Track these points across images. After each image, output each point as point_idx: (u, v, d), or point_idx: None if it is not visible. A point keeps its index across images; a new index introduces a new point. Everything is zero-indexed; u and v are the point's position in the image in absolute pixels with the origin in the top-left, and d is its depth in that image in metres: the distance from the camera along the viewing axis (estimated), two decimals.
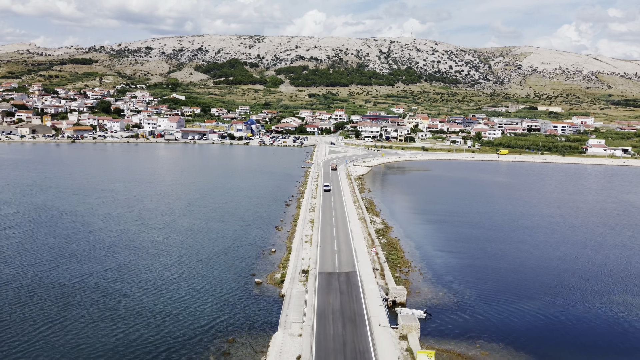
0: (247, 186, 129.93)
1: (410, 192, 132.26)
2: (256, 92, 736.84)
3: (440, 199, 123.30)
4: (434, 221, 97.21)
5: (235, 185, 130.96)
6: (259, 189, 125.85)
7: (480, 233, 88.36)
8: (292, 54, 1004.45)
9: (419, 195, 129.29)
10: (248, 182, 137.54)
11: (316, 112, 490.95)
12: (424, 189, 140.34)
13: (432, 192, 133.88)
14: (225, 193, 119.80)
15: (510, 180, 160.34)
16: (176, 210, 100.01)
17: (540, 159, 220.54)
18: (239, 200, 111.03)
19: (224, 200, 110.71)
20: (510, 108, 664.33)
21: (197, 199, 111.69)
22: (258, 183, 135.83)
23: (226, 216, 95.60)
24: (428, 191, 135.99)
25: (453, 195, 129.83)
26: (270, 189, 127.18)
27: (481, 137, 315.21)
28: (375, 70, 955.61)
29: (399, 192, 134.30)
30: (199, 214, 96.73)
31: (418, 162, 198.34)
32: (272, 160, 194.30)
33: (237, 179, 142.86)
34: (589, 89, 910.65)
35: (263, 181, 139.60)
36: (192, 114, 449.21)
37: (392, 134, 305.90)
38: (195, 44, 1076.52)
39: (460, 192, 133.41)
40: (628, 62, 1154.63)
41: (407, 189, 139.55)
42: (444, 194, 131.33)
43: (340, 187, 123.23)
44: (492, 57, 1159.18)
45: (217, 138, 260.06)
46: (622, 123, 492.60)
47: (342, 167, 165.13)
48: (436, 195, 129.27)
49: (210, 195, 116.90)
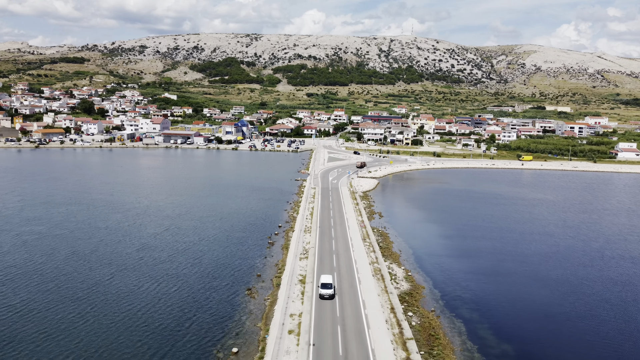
0: (223, 213, 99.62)
1: (434, 219, 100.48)
2: (252, 91, 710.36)
3: (478, 229, 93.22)
4: (483, 271, 68.09)
5: (208, 212, 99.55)
6: (238, 217, 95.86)
7: (589, 309, 57.42)
8: (290, 52, 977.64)
9: (447, 223, 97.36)
10: (226, 206, 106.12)
11: (314, 113, 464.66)
12: (450, 212, 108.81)
13: (464, 217, 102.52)
14: (193, 227, 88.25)
15: (555, 197, 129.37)
16: (110, 259, 71.53)
17: (570, 166, 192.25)
18: (209, 240, 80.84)
19: (187, 242, 78.82)
20: (517, 108, 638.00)
21: (151, 241, 79.13)
22: (238, 207, 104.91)
23: (184, 271, 66.21)
24: (458, 216, 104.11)
25: (495, 220, 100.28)
26: (253, 215, 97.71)
27: (495, 139, 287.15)
28: (376, 69, 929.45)
29: (419, 218, 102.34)
30: (138, 273, 66.38)
31: (432, 172, 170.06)
32: (261, 169, 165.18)
33: (213, 200, 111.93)
34: (595, 88, 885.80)
35: (245, 203, 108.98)
36: (182, 115, 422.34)
37: (397, 137, 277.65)
38: (191, 43, 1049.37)
39: (502, 216, 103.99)
40: (634, 61, 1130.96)
41: (429, 212, 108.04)
42: (480, 219, 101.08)
43: (342, 212, 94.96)
44: (495, 55, 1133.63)
45: (203, 142, 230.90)
46: (638, 124, 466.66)
47: (345, 180, 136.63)
48: (471, 222, 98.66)
49: (169, 235, 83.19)
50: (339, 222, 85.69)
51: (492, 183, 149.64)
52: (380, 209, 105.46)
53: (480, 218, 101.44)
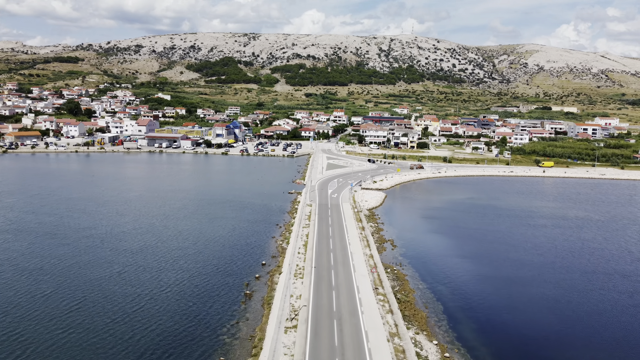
0: (197, 244, 78.45)
1: (461, 250, 79.09)
2: (249, 91, 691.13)
3: (524, 266, 71.97)
4: (561, 347, 47.97)
5: (179, 244, 78.75)
6: (213, 251, 75.33)
7: None
8: (288, 52, 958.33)
9: (481, 257, 75.12)
10: (201, 233, 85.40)
11: (313, 113, 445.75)
12: (481, 238, 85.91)
13: (499, 246, 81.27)
14: (153, 270, 67.30)
15: (601, 215, 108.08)
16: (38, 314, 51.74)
17: (597, 173, 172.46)
18: (167, 294, 59.87)
19: (133, 299, 57.56)
20: (521, 108, 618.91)
21: (81, 300, 57.35)
22: (216, 235, 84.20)
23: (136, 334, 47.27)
24: (491, 244, 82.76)
25: (541, 251, 79.55)
26: (233, 247, 77.34)
27: (506, 142, 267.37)
28: (376, 69, 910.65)
29: (442, 249, 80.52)
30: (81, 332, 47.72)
31: (444, 181, 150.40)
32: (251, 179, 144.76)
33: (188, 225, 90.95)
34: (600, 88, 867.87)
35: (225, 228, 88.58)
36: (174, 116, 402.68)
37: (401, 139, 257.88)
38: (188, 42, 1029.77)
39: (548, 243, 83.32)
40: (638, 61, 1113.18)
41: (453, 239, 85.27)
42: (522, 249, 79.83)
43: (345, 241, 75.17)
44: (496, 55, 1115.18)
45: (190, 146, 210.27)
46: None
47: (346, 193, 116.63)
48: (511, 256, 76.81)
49: (116, 285, 61.53)
50: (340, 260, 65.74)
51: (517, 196, 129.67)
52: (392, 234, 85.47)
53: (521, 248, 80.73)
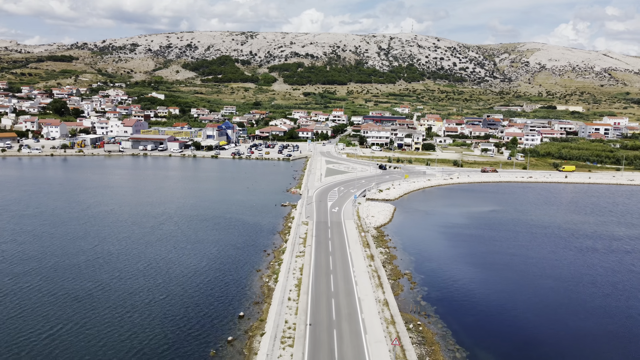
0: (161, 288, 60.24)
1: (500, 287, 62.59)
2: (246, 90, 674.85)
3: (596, 313, 55.77)
4: None
5: (137, 286, 60.41)
6: (180, 299, 56.97)
7: None
8: (286, 50, 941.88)
9: (530, 304, 57.42)
10: (170, 269, 66.43)
11: (311, 113, 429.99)
12: (521, 270, 68.39)
13: (549, 283, 64.25)
14: (84, 338, 48.87)
15: None
16: None
17: (625, 179, 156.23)
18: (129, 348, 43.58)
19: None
20: (525, 107, 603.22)
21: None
22: (187, 271, 65.71)
23: None
24: (537, 279, 65.49)
25: (610, 290, 62.72)
26: (205, 290, 59.50)
27: (517, 143, 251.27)
28: (375, 68, 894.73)
29: (473, 285, 63.04)
30: None
31: (458, 189, 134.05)
32: (241, 188, 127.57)
33: (156, 253, 72.90)
34: (603, 87, 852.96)
35: (199, 259, 70.41)
36: (167, 115, 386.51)
37: (405, 141, 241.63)
38: (184, 41, 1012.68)
39: (612, 276, 66.82)
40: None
41: (486, 271, 68.33)
42: (582, 285, 63.29)
43: (350, 278, 58.83)
44: (497, 54, 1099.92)
45: (178, 148, 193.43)
46: None
47: (349, 207, 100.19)
48: (575, 296, 60.44)
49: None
50: (346, 311, 48.72)
51: (547, 207, 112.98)
52: (407, 263, 68.67)
53: (579, 284, 63.56)
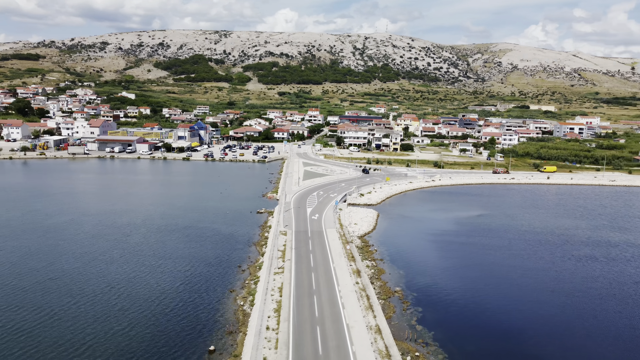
0: (133, 302, 53.74)
1: (500, 309, 56.26)
2: (220, 90, 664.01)
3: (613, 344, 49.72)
4: None
5: (102, 308, 52.11)
6: (139, 329, 48.35)
7: None
8: (261, 49, 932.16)
9: (550, 337, 50.42)
10: (131, 293, 57.30)
11: (287, 113, 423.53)
12: (522, 284, 62.45)
13: (576, 312, 56.43)
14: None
15: None
16: None
17: (607, 179, 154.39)
18: None
19: None
20: (499, 107, 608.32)
21: None
22: (152, 294, 57.03)
23: None
24: (543, 294, 59.37)
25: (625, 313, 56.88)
26: (173, 319, 50.93)
27: (495, 143, 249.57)
28: (350, 67, 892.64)
29: (474, 307, 56.58)
30: None
31: (441, 192, 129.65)
32: (214, 193, 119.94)
33: (115, 275, 62.57)
34: (574, 87, 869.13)
35: (167, 281, 61.30)
36: (138, 115, 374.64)
37: (383, 141, 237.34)
38: (156, 39, 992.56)
39: (621, 295, 61.59)
40: (609, 60, 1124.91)
41: (483, 286, 62.35)
42: (597, 311, 57.16)
43: (337, 301, 52.89)
44: (470, 54, 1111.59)
45: (147, 150, 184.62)
46: (630, 123, 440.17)
47: (330, 213, 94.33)
48: (589, 318, 54.53)
49: None
50: (334, 343, 42.43)
51: (535, 211, 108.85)
52: (397, 279, 62.77)
53: (589, 299, 58.50)
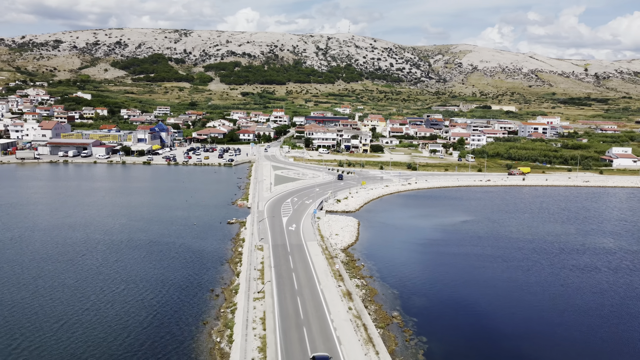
0: (87, 342, 44.07)
1: (512, 332, 50.06)
2: (181, 90, 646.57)
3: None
4: None
5: (48, 356, 42.20)
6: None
7: None
8: (222, 49, 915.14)
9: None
10: (95, 321, 49.23)
11: (251, 113, 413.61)
12: (532, 307, 55.91)
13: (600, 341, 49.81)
14: None
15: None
16: None
17: (581, 180, 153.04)
18: None
19: None
20: (462, 107, 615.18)
21: None
22: (115, 322, 49.03)
23: None
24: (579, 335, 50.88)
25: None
26: (139, 357, 42.81)
27: (464, 143, 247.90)
28: (314, 67, 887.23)
29: (483, 335, 49.97)
30: None
31: (418, 195, 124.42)
32: (178, 201, 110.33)
33: (73, 300, 53.92)
34: (531, 88, 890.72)
35: (132, 306, 53.17)
36: (94, 117, 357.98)
37: (352, 142, 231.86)
38: (113, 38, 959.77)
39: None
40: (563, 62, 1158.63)
41: (487, 307, 55.94)
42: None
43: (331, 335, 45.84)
44: (431, 55, 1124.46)
45: (104, 154, 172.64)
46: (587, 123, 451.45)
47: (308, 221, 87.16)
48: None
49: None
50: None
51: (519, 215, 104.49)
52: (392, 301, 55.79)
53: (603, 318, 53.38)
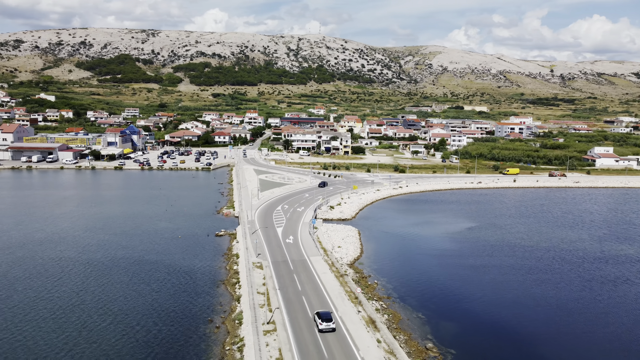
0: None
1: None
2: (150, 91, 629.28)
3: None
4: None
5: None
6: None
7: None
8: (192, 50, 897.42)
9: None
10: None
11: (224, 115, 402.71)
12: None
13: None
14: None
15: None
16: None
17: (571, 181, 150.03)
18: None
19: None
20: (435, 107, 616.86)
21: None
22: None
23: None
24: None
25: None
26: None
27: (445, 144, 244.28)
28: (285, 68, 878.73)
29: None
30: None
31: (411, 199, 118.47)
32: (156, 210, 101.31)
33: (45, 347, 42.99)
34: (500, 88, 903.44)
35: (120, 349, 43.21)
36: (59, 119, 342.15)
37: (332, 144, 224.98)
38: (77, 38, 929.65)
39: None
40: (529, 63, 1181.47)
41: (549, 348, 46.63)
42: None
43: None
44: (402, 56, 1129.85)
45: (72, 158, 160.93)
46: (558, 123, 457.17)
47: (305, 231, 79.69)
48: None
49: None
50: None
51: (525, 220, 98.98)
52: (420, 327, 48.09)
53: None
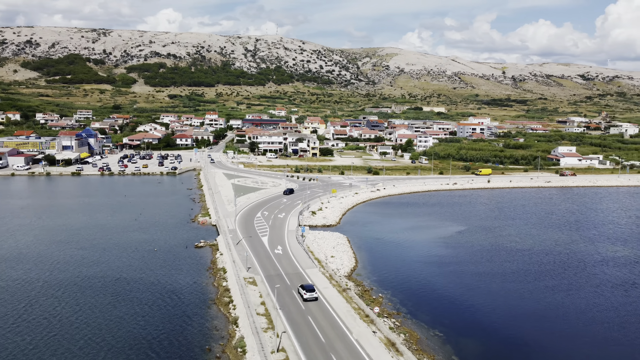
0: None
1: None
2: (102, 92, 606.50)
3: None
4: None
5: None
6: None
7: None
8: (145, 50, 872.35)
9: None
10: None
11: (182, 117, 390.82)
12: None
13: None
14: None
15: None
16: None
17: (542, 180, 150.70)
18: None
19: None
20: (394, 108, 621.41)
21: None
22: None
23: None
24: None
25: None
26: None
27: (412, 145, 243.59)
28: (243, 69, 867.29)
29: None
30: None
31: (391, 202, 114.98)
32: (123, 221, 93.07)
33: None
34: (456, 89, 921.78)
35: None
36: (5, 122, 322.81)
37: (300, 146, 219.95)
38: (23, 36, 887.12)
39: None
40: (482, 65, 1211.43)
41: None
42: None
43: None
44: (359, 57, 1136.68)
45: (24, 164, 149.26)
46: (515, 123, 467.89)
47: (292, 239, 74.26)
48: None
49: None
50: None
51: (512, 222, 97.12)
52: (441, 347, 44.52)
53: None
